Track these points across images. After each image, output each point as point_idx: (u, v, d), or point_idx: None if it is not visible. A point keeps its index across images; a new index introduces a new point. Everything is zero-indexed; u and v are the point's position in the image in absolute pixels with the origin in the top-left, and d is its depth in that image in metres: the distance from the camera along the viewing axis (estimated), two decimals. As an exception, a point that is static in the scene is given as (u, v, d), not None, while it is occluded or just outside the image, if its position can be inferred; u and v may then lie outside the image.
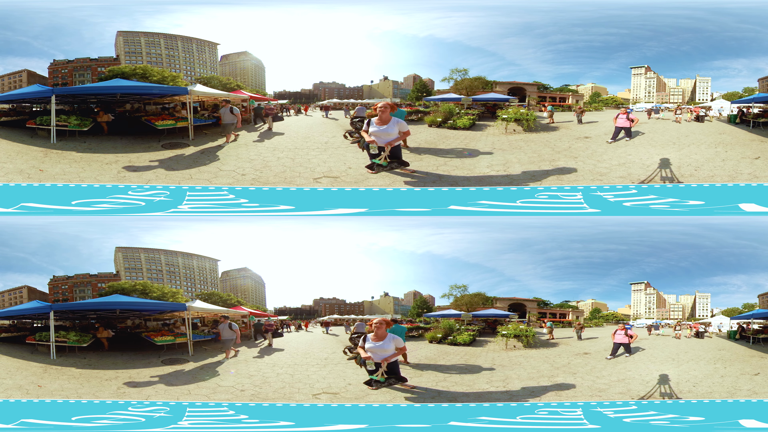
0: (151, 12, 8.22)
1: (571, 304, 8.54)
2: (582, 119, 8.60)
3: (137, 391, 7.66)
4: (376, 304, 8.46)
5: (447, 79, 8.22)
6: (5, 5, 8.06)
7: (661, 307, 8.55)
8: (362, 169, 7.93)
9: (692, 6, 8.21)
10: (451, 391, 7.71)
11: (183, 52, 8.31)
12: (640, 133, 8.47)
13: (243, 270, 8.44)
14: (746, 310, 8.17)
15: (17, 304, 8.02)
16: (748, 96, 8.20)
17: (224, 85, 8.49)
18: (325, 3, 8.12)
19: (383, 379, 7.67)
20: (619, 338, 8.41)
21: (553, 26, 8.06)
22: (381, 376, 7.66)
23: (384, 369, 7.65)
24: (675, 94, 8.61)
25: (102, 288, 8.09)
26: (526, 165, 8.05)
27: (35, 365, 7.96)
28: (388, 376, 7.70)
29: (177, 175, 7.82)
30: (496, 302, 8.32)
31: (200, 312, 8.45)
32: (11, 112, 8.30)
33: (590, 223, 7.88)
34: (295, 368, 8.13)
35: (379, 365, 7.66)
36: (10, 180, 7.66)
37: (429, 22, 8.03)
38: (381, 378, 7.66)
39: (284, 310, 8.65)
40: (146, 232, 8.15)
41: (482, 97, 8.49)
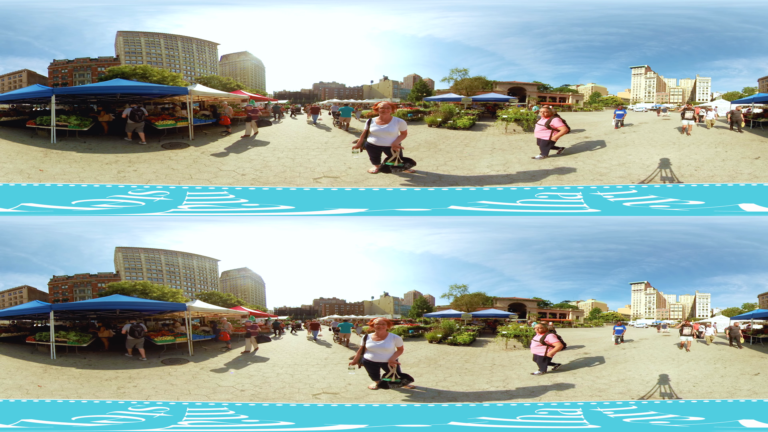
0: (152, 12, 8.22)
1: (571, 304, 8.54)
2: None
3: (137, 391, 7.66)
4: (376, 304, 8.46)
5: (447, 79, 8.23)
6: (9, 5, 8.07)
7: (661, 307, 8.55)
8: (362, 169, 7.93)
9: (695, 5, 8.20)
10: (451, 391, 7.71)
11: (183, 52, 8.32)
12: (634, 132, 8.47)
13: (243, 270, 8.44)
14: (746, 310, 8.17)
15: (17, 304, 8.03)
16: (748, 96, 8.20)
17: (224, 85, 8.49)
18: (324, 3, 8.12)
19: (398, 380, 7.68)
20: (536, 349, 8.18)
21: (553, 26, 8.05)
22: (395, 377, 7.68)
23: (394, 371, 7.68)
24: (675, 94, 8.60)
25: (102, 288, 8.10)
26: (526, 165, 8.05)
27: (35, 365, 7.97)
28: (401, 376, 7.72)
29: (177, 175, 7.82)
30: (496, 302, 8.32)
31: (200, 312, 8.45)
32: (11, 112, 8.30)
33: (590, 222, 7.87)
34: (295, 368, 8.13)
35: (378, 367, 7.69)
36: (10, 180, 7.66)
37: (427, 22, 8.03)
38: (395, 379, 7.68)
39: (284, 310, 8.66)
40: (148, 233, 8.16)
41: (482, 97, 8.48)
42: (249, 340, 8.46)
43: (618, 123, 8.50)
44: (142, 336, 8.22)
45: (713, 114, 8.37)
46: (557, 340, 8.07)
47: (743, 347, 8.34)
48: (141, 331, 8.21)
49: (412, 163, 7.94)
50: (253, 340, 8.48)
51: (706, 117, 8.40)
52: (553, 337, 8.08)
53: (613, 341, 8.46)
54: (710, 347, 8.36)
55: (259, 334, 8.54)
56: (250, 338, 8.48)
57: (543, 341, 8.08)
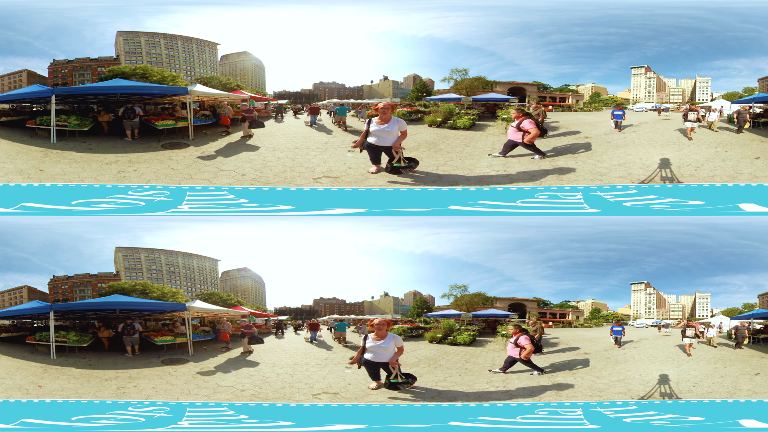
0: (153, 12, 8.22)
1: (571, 304, 8.54)
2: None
3: (137, 391, 7.66)
4: (376, 304, 8.46)
5: (447, 79, 8.22)
6: (10, 5, 8.07)
7: (661, 307, 8.55)
8: (362, 169, 7.93)
9: (695, 5, 8.19)
10: (451, 391, 7.71)
11: (183, 52, 8.32)
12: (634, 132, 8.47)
13: (243, 270, 8.44)
14: (746, 310, 8.17)
15: (17, 304, 8.03)
16: (748, 96, 8.19)
17: (224, 85, 8.49)
18: (324, 3, 8.12)
19: (404, 380, 7.69)
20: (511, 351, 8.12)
21: (553, 26, 8.05)
22: (400, 377, 7.68)
23: (398, 371, 7.68)
24: (675, 94, 8.60)
25: (102, 288, 8.10)
26: (526, 165, 8.05)
27: (35, 365, 7.97)
28: (406, 376, 7.72)
29: (177, 175, 7.82)
30: (496, 302, 8.32)
31: (200, 312, 8.45)
32: (11, 112, 8.30)
33: (590, 222, 7.87)
34: (295, 368, 8.13)
35: (378, 367, 7.69)
36: (10, 180, 7.66)
37: (426, 22, 8.03)
38: (400, 379, 7.68)
39: (284, 310, 8.66)
40: (148, 233, 8.16)
41: (482, 97, 8.48)
42: (244, 341, 8.46)
43: (617, 123, 8.48)
44: (133, 334, 8.22)
45: (716, 115, 8.36)
46: (529, 342, 8.04)
47: (743, 348, 8.34)
48: (132, 329, 8.22)
49: (416, 163, 7.95)
50: (245, 341, 8.46)
51: (707, 118, 8.38)
52: (526, 339, 8.05)
53: (613, 342, 8.46)
54: (710, 347, 8.36)
55: (252, 335, 8.52)
56: (245, 339, 8.47)
57: (516, 343, 8.05)
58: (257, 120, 8.53)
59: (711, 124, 8.39)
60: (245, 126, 8.46)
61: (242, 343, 8.43)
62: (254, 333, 8.53)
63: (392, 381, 7.67)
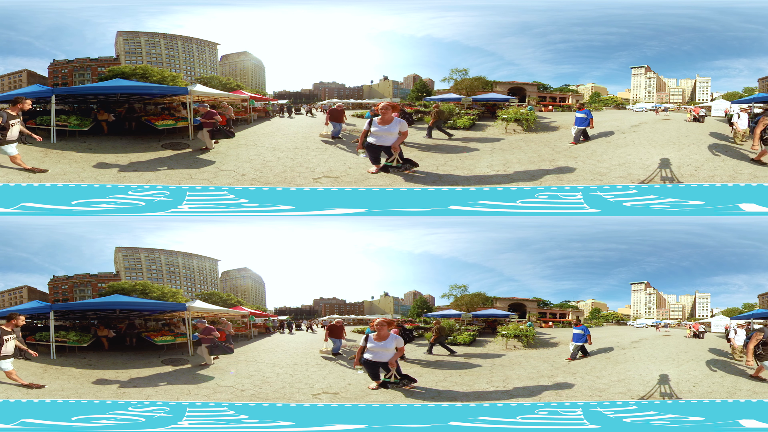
0: (153, 12, 8.23)
1: (571, 304, 8.53)
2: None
3: (137, 391, 7.67)
4: (376, 304, 8.46)
5: (447, 79, 8.22)
6: (12, 4, 8.07)
7: (661, 307, 8.54)
8: (362, 169, 7.92)
9: (695, 5, 8.18)
10: (451, 391, 7.71)
11: (183, 52, 8.32)
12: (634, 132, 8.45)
13: (243, 270, 8.44)
14: (746, 310, 8.16)
15: (17, 304, 8.03)
16: (748, 96, 8.18)
17: (224, 85, 8.50)
18: (324, 3, 8.12)
19: (397, 380, 7.68)
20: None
21: (552, 25, 8.04)
22: (394, 377, 7.67)
23: (394, 372, 7.67)
24: (675, 94, 8.59)
25: (102, 288, 8.11)
26: (526, 165, 8.04)
27: (35, 365, 7.97)
28: (401, 377, 7.71)
29: (177, 175, 7.82)
30: (496, 302, 8.32)
31: (200, 312, 8.45)
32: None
33: (590, 222, 7.86)
34: (295, 368, 8.13)
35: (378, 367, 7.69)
36: (10, 180, 7.67)
37: (425, 22, 8.03)
38: (395, 380, 7.68)
39: (284, 310, 8.66)
40: (148, 233, 8.16)
41: (482, 97, 8.48)
42: (201, 349, 8.14)
43: (578, 134, 8.30)
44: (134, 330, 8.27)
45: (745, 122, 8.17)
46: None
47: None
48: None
49: (414, 164, 7.93)
50: (204, 350, 8.16)
51: (738, 125, 8.20)
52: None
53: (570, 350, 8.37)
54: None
55: (213, 344, 8.19)
56: (201, 347, 8.16)
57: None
58: (222, 129, 8.28)
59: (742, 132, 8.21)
60: (205, 135, 8.23)
61: (199, 352, 8.05)
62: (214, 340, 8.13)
63: (385, 380, 7.66)
